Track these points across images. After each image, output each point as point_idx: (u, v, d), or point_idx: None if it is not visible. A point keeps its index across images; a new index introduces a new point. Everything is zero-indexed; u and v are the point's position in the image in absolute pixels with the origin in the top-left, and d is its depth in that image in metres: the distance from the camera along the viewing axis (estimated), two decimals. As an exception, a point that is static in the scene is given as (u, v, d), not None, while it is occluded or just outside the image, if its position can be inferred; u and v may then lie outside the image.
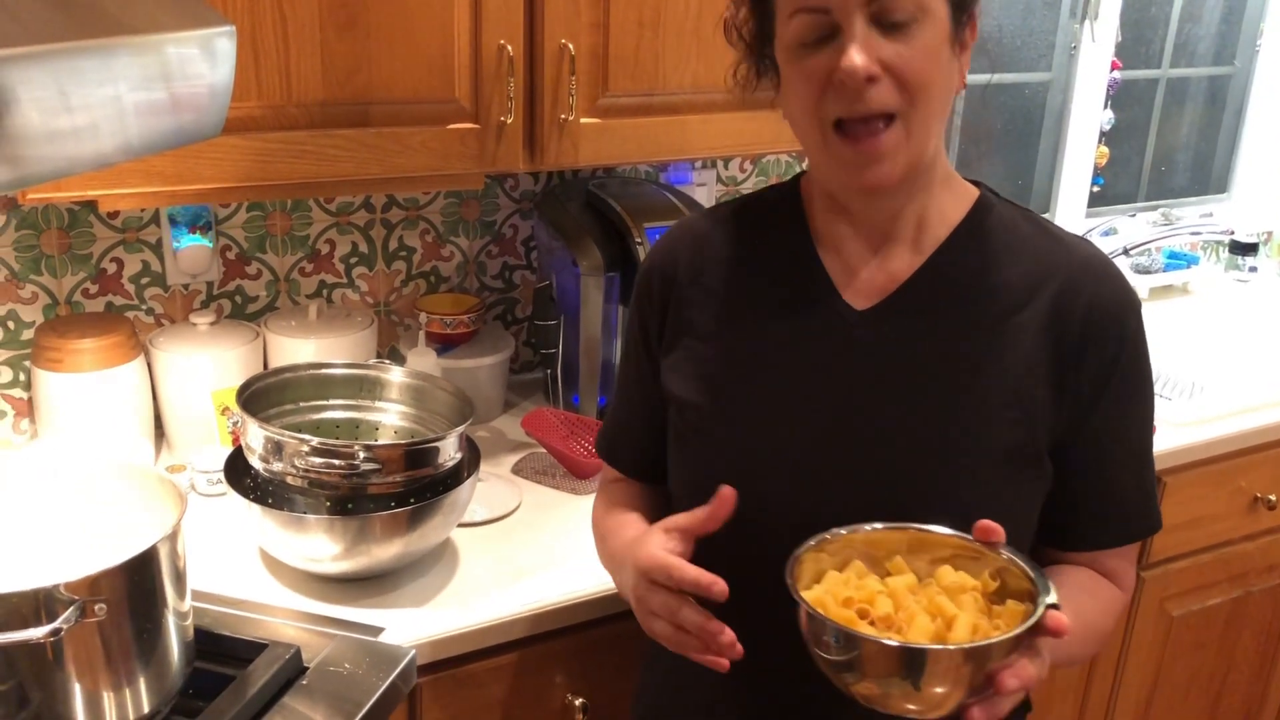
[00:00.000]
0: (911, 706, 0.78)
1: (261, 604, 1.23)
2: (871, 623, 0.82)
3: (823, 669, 0.82)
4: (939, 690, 0.77)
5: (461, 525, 1.41)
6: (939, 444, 0.95)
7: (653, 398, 1.08)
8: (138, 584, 0.96)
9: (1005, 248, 0.98)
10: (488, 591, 1.29)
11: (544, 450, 1.60)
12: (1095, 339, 0.95)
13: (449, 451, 1.28)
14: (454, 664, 1.25)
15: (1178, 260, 2.55)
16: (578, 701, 1.33)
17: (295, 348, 1.58)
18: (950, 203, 0.99)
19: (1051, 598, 0.80)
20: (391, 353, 1.78)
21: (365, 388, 1.41)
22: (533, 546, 1.39)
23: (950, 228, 0.99)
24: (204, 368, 1.52)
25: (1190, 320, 2.41)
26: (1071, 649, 0.98)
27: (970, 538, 0.86)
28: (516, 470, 1.59)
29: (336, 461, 1.19)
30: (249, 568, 1.32)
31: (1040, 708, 1.87)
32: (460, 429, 1.29)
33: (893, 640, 0.78)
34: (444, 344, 1.71)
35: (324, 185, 1.37)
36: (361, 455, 1.19)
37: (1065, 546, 1.02)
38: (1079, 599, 0.99)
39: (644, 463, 1.12)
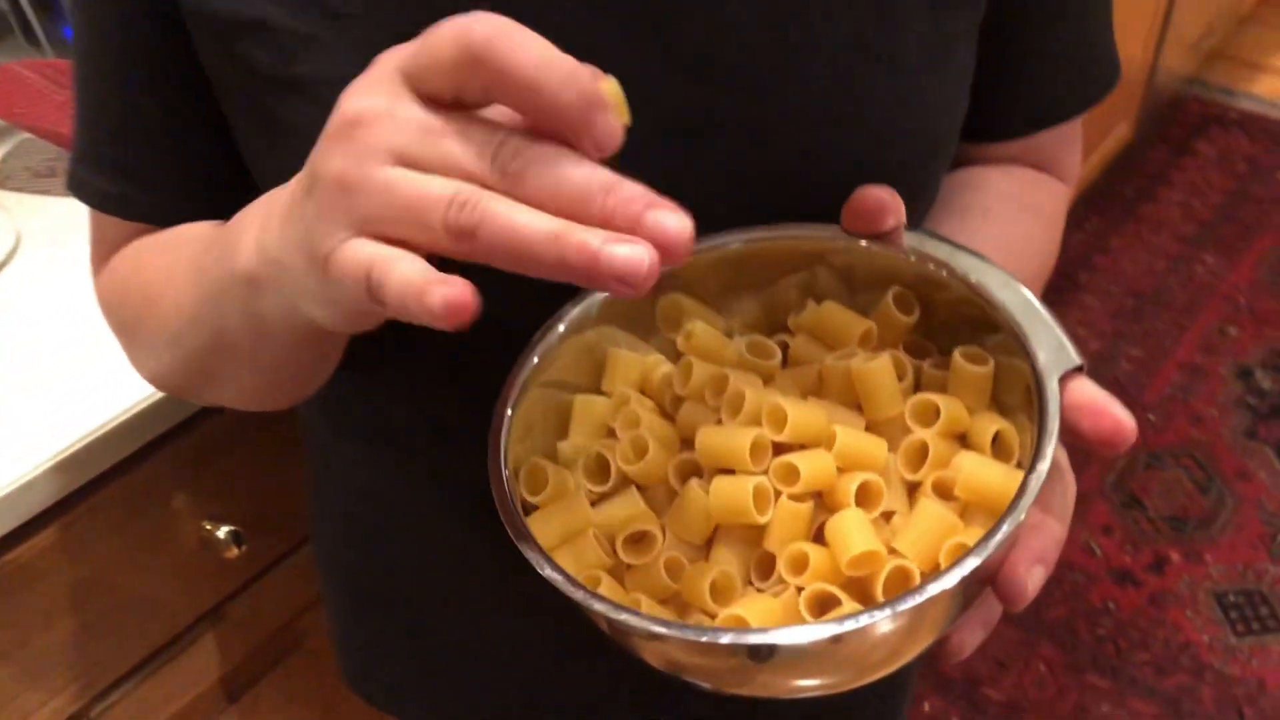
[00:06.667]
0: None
1: None
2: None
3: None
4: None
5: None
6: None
7: (178, 62, 0.52)
8: None
9: None
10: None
11: (33, 136, 0.95)
12: None
13: None
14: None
15: None
16: (221, 532, 0.83)
17: None
18: None
19: (1045, 463, 0.39)
20: None
21: None
22: (59, 314, 0.81)
23: None
24: None
25: None
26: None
27: (847, 235, 0.46)
28: (3, 183, 0.94)
29: None
30: None
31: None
32: None
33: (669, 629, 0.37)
34: None
35: None
36: None
37: (994, 136, 0.63)
38: (1024, 224, 0.63)
39: (195, 185, 0.55)
